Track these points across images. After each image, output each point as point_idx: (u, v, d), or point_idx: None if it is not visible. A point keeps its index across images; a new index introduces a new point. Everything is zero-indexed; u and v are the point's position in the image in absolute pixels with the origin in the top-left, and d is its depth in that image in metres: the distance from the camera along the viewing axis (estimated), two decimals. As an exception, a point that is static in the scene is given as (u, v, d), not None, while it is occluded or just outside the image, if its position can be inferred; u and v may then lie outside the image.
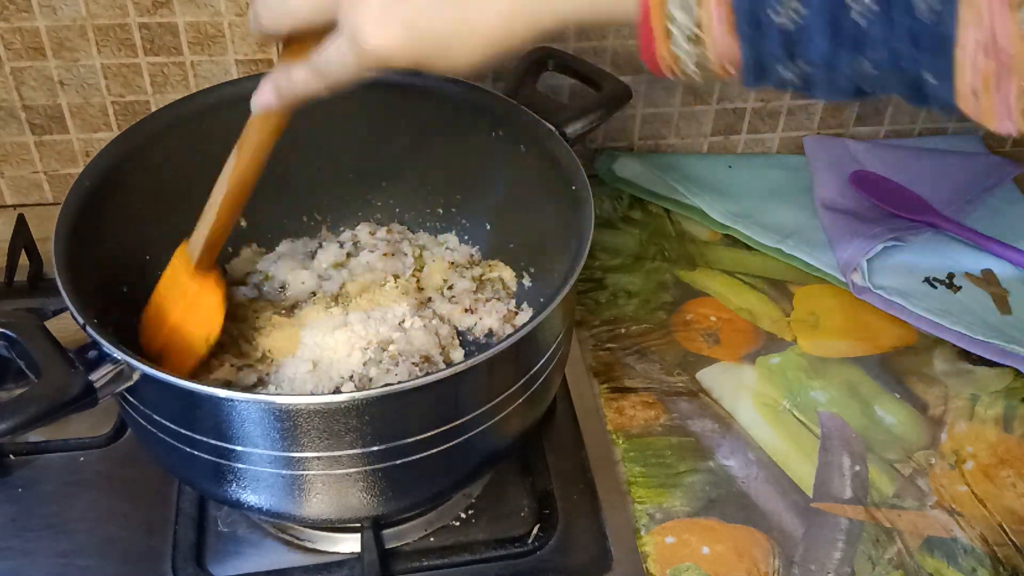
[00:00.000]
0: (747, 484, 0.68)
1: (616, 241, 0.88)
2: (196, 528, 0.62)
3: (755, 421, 0.72)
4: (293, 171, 0.75)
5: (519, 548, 0.62)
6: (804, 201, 0.92)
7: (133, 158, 0.64)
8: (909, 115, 0.98)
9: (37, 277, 0.78)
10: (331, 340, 0.66)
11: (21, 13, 0.76)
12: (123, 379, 0.50)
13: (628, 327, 0.80)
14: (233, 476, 0.53)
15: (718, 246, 0.88)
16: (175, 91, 0.82)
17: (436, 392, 0.51)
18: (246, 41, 0.81)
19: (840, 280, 0.84)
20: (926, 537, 0.65)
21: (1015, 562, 0.64)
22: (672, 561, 0.63)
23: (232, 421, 0.50)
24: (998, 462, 0.71)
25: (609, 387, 0.75)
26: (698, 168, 0.94)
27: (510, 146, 0.69)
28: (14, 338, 0.50)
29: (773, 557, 0.63)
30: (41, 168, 0.85)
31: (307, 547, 0.62)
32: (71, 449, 0.67)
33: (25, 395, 0.47)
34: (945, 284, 0.83)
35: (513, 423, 0.57)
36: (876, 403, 0.74)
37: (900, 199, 0.89)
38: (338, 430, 0.50)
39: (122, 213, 0.64)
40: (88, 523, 0.63)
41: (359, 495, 0.54)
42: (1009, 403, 0.75)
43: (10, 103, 0.81)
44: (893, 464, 0.70)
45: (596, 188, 0.91)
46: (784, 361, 0.77)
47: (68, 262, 0.55)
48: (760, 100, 0.94)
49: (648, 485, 0.68)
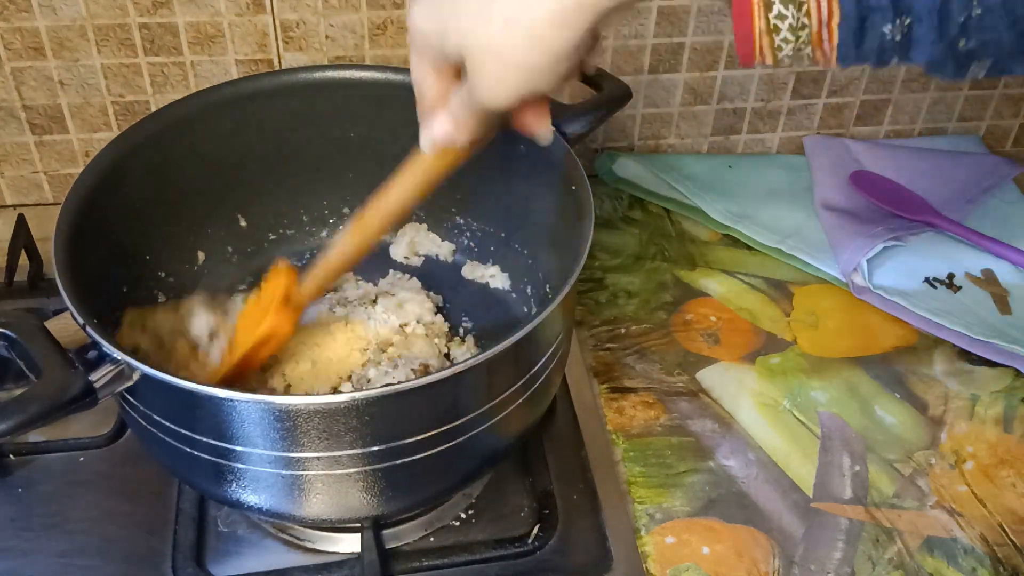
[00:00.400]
0: (747, 484, 0.68)
1: (616, 241, 0.88)
2: (196, 528, 0.62)
3: (755, 421, 0.72)
4: (292, 172, 0.75)
5: (519, 548, 0.62)
6: (804, 201, 0.92)
7: (133, 158, 0.64)
8: (909, 115, 0.98)
9: (37, 277, 0.78)
10: (331, 340, 0.66)
11: (21, 13, 0.76)
12: (123, 379, 0.50)
13: (628, 327, 0.80)
14: (233, 476, 0.53)
15: (718, 246, 0.88)
16: (175, 91, 0.82)
17: (436, 392, 0.51)
18: (246, 41, 0.81)
19: (840, 280, 0.84)
20: (926, 537, 0.65)
21: (1015, 562, 0.64)
22: (672, 561, 0.63)
23: (232, 421, 0.50)
24: (998, 462, 0.71)
25: (609, 387, 0.75)
26: (698, 168, 0.94)
27: (510, 146, 0.69)
28: (14, 338, 0.50)
29: (773, 557, 0.63)
30: (41, 168, 0.85)
31: (307, 547, 0.62)
32: (71, 449, 0.67)
33: (25, 395, 0.47)
34: (945, 284, 0.83)
35: (513, 423, 0.57)
36: (876, 403, 0.74)
37: (900, 199, 0.89)
38: (338, 430, 0.50)
39: (122, 213, 0.64)
40: (88, 523, 0.63)
41: (359, 495, 0.54)
42: (1009, 403, 0.75)
43: (10, 103, 0.81)
44: (893, 464, 0.70)
45: (596, 188, 0.92)
46: (784, 361, 0.77)
47: (68, 262, 0.55)
48: (760, 100, 0.94)
49: (648, 485, 0.68)
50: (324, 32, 0.81)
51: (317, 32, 0.81)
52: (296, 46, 0.82)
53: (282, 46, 0.82)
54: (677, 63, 0.90)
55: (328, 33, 0.82)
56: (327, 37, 0.82)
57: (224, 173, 0.72)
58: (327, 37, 0.82)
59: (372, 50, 0.83)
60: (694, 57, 0.90)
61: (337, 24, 0.81)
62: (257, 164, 0.73)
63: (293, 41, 0.81)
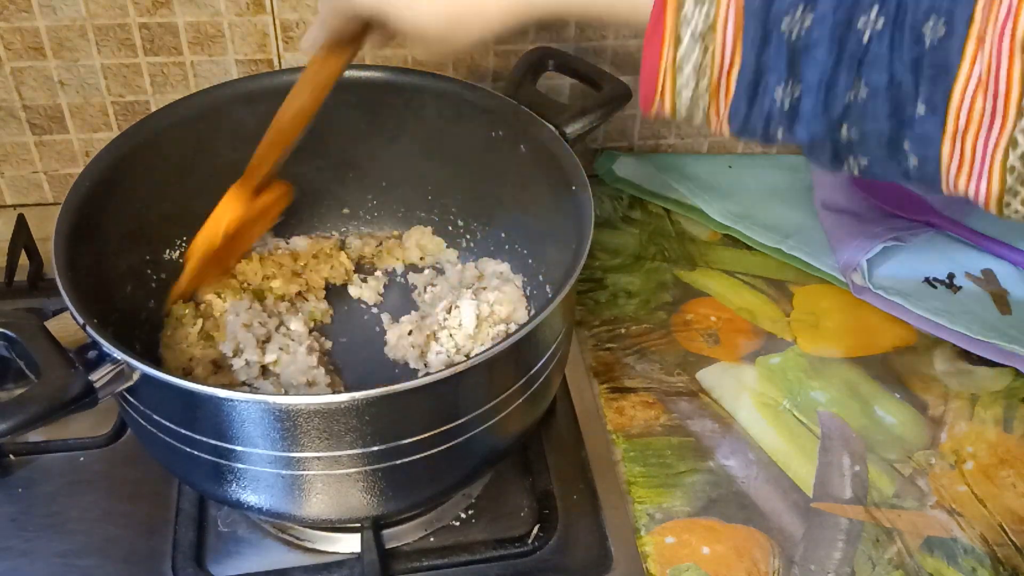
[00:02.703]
0: (747, 484, 0.68)
1: (616, 241, 0.88)
2: (196, 528, 0.62)
3: (755, 421, 0.72)
4: (292, 172, 0.75)
5: (519, 548, 0.62)
6: (804, 201, 0.92)
7: (133, 158, 0.64)
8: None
9: (37, 277, 0.78)
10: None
11: (21, 13, 0.76)
12: (123, 379, 0.50)
13: (628, 327, 0.80)
14: (233, 476, 0.53)
15: (718, 246, 0.88)
16: (175, 91, 0.82)
17: (436, 392, 0.51)
18: (246, 41, 0.81)
19: (840, 280, 0.84)
20: (926, 537, 0.65)
21: (1015, 562, 0.64)
22: (672, 561, 0.63)
23: (232, 421, 0.50)
24: (998, 462, 0.71)
25: (609, 387, 0.75)
26: (698, 168, 0.94)
27: (510, 146, 0.69)
28: (14, 338, 0.50)
29: (773, 557, 0.63)
30: (41, 168, 0.85)
31: (307, 547, 0.62)
32: (71, 449, 0.67)
33: (25, 395, 0.47)
34: (945, 284, 0.83)
35: (513, 423, 0.57)
36: (876, 403, 0.74)
37: (900, 199, 0.89)
38: (338, 430, 0.50)
39: (122, 213, 0.64)
40: (88, 523, 0.63)
41: (359, 495, 0.54)
42: (1009, 403, 0.75)
43: (10, 103, 0.81)
44: (893, 464, 0.70)
45: (596, 188, 0.92)
46: (784, 361, 0.77)
47: (68, 262, 0.55)
48: (760, 100, 0.94)
49: (648, 485, 0.68)
50: (324, 32, 0.81)
51: (317, 32, 0.81)
52: (296, 46, 0.82)
53: (282, 46, 0.82)
54: (677, 63, 0.90)
55: (328, 33, 0.82)
56: (327, 37, 0.82)
57: (224, 173, 0.72)
58: (327, 37, 0.82)
59: (372, 50, 0.83)
60: (694, 57, 0.90)
61: (337, 24, 0.81)
62: (257, 164, 0.73)
63: (293, 41, 0.81)
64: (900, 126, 0.44)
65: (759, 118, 0.47)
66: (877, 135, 0.45)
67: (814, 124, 0.45)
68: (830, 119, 0.45)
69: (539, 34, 0.85)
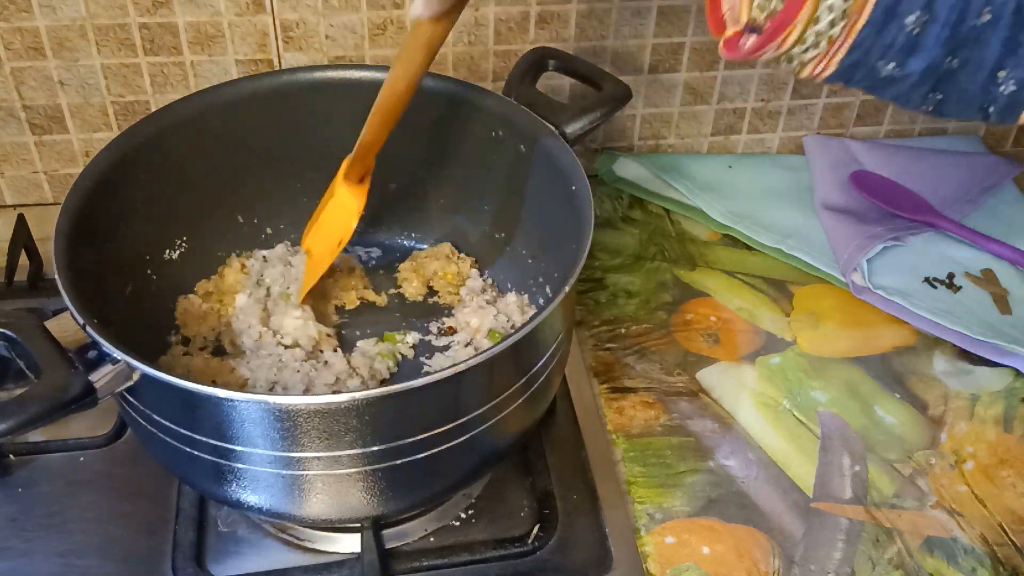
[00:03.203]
0: (747, 484, 0.68)
1: (616, 241, 0.88)
2: (196, 528, 0.62)
3: (755, 421, 0.72)
4: (292, 172, 0.75)
5: (519, 548, 0.62)
6: (804, 201, 0.92)
7: (133, 158, 0.64)
8: (909, 115, 0.98)
9: (37, 277, 0.78)
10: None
11: (21, 13, 0.76)
12: (123, 379, 0.50)
13: (628, 327, 0.80)
14: (233, 476, 0.53)
15: (718, 246, 0.88)
16: (175, 91, 0.82)
17: (436, 392, 0.51)
18: (246, 41, 0.81)
19: (840, 280, 0.84)
20: (926, 537, 0.65)
21: (1015, 562, 0.64)
22: (672, 561, 0.63)
23: (232, 421, 0.50)
24: (998, 462, 0.71)
25: (609, 387, 0.75)
26: (698, 168, 0.94)
27: (510, 146, 0.69)
28: (14, 338, 0.50)
29: (773, 557, 0.63)
30: (41, 168, 0.85)
31: (307, 547, 0.62)
32: (71, 449, 0.67)
33: (25, 395, 0.47)
34: (945, 284, 0.83)
35: (513, 423, 0.57)
36: (876, 403, 0.74)
37: (900, 199, 0.89)
38: (338, 430, 0.50)
39: (122, 213, 0.64)
40: (88, 523, 0.63)
41: (359, 495, 0.54)
42: (1009, 403, 0.75)
43: (10, 103, 0.81)
44: (893, 464, 0.70)
45: (596, 188, 0.92)
46: (784, 361, 0.77)
47: (68, 262, 0.55)
48: (760, 100, 0.94)
49: (648, 485, 0.68)
50: (324, 32, 0.81)
51: (317, 32, 0.81)
52: (296, 46, 0.82)
53: (282, 46, 0.82)
54: (677, 63, 0.90)
55: (328, 33, 0.82)
56: (327, 37, 0.82)
57: (224, 173, 0.72)
58: (327, 37, 0.82)
59: (372, 50, 0.83)
60: (694, 57, 0.90)
61: (337, 24, 0.81)
62: (257, 164, 0.73)
63: (293, 41, 0.81)
64: (1007, 53, 0.44)
65: (878, 49, 0.46)
66: (978, 63, 0.45)
67: (933, 52, 0.45)
68: (949, 48, 0.45)
69: (539, 34, 0.85)
